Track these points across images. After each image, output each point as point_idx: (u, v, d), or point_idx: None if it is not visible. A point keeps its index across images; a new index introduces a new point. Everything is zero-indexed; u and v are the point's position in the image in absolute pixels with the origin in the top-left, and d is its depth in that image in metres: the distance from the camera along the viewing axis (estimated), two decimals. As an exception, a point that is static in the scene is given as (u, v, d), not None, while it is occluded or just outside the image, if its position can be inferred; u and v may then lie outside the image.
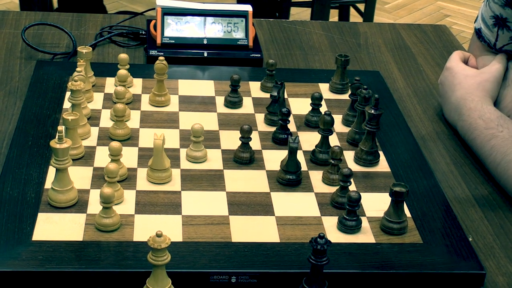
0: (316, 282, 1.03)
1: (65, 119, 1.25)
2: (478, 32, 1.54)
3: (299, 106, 1.49)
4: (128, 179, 1.24)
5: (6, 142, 1.34)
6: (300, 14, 4.01)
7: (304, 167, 1.31)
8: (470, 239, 1.20)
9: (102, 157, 1.28)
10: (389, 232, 1.17)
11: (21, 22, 1.79)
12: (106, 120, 1.39)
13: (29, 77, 1.54)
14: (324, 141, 1.33)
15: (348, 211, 1.17)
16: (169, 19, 1.65)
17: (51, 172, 1.22)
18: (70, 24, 1.80)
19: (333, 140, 1.38)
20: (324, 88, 1.56)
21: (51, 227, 1.13)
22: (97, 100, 1.45)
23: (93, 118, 1.39)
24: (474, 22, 1.56)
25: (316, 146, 1.34)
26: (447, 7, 4.62)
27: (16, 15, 1.83)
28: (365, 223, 1.19)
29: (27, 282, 1.05)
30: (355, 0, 3.56)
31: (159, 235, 0.98)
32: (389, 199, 1.17)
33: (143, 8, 1.76)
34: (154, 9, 1.69)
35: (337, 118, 1.44)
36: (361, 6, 3.40)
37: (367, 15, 3.34)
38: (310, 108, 1.43)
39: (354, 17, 3.68)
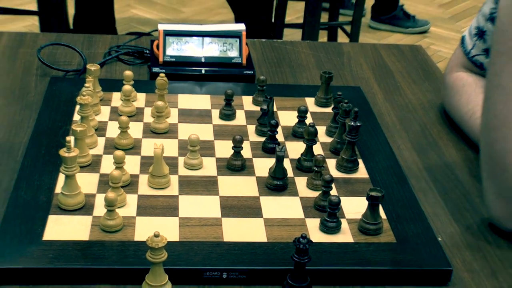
0: (299, 278, 1.04)
1: (74, 130, 1.25)
2: (462, 39, 1.56)
3: (287, 118, 1.49)
4: (131, 185, 1.24)
5: (22, 151, 1.34)
6: (293, 35, 4.01)
7: (290, 173, 1.31)
8: (440, 239, 1.20)
9: (107, 165, 1.28)
10: (366, 232, 1.17)
11: (37, 42, 1.79)
12: (112, 131, 1.39)
13: (43, 92, 1.54)
14: (309, 150, 1.33)
15: (329, 213, 1.17)
16: (170, 39, 1.66)
17: (61, 178, 1.22)
18: (81, 44, 1.80)
19: (317, 149, 1.38)
20: (310, 102, 1.57)
21: (60, 228, 1.13)
22: (104, 113, 1.46)
23: (100, 129, 1.40)
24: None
25: (302, 154, 1.34)
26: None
27: (33, 36, 1.84)
28: (344, 224, 1.19)
29: (38, 278, 1.05)
30: (342, 22, 3.58)
31: (156, 235, 0.99)
32: (367, 202, 1.17)
33: (151, 29, 1.77)
34: (157, 30, 1.70)
35: (322, 129, 1.44)
36: (348, 28, 3.41)
37: (353, 36, 3.34)
38: (297, 120, 1.44)
39: (342, 37, 3.68)
